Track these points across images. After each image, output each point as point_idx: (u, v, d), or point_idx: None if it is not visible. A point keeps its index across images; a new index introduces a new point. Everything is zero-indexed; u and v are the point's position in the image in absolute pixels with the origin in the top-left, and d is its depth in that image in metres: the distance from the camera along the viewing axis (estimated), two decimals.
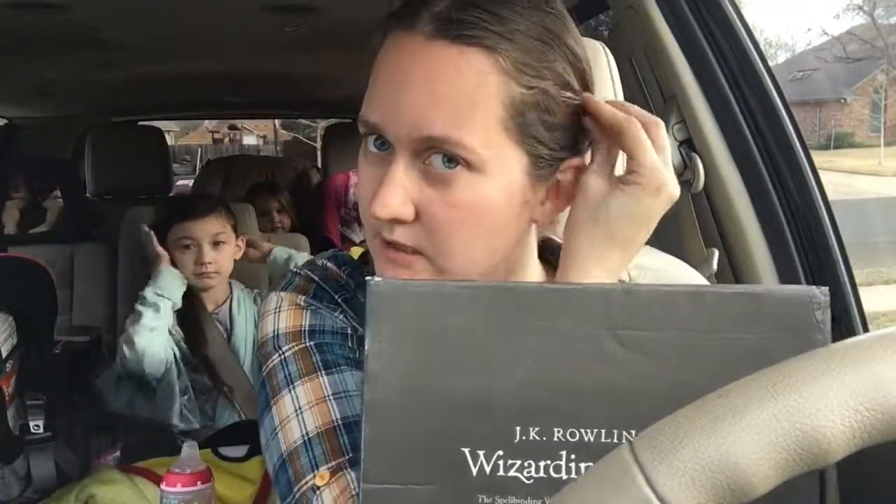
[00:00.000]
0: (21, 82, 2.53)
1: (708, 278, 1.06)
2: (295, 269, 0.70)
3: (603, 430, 0.41)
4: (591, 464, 0.38)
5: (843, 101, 19.51)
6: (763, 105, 1.08)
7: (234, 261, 1.96)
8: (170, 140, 11.24)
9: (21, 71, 2.34)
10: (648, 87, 1.27)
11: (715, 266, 1.14)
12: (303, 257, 2.03)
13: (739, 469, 0.31)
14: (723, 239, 1.16)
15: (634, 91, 1.29)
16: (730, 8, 1.08)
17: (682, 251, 1.20)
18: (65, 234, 2.47)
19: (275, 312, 0.67)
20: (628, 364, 0.41)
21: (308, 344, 0.64)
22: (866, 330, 1.09)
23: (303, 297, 0.66)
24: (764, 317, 0.41)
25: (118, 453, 1.66)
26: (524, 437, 0.41)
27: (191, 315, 1.92)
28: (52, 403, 1.67)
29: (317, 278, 0.67)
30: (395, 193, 0.56)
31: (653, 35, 1.14)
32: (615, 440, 0.41)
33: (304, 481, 0.58)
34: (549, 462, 0.41)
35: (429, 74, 0.56)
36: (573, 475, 0.41)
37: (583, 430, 0.41)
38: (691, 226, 1.21)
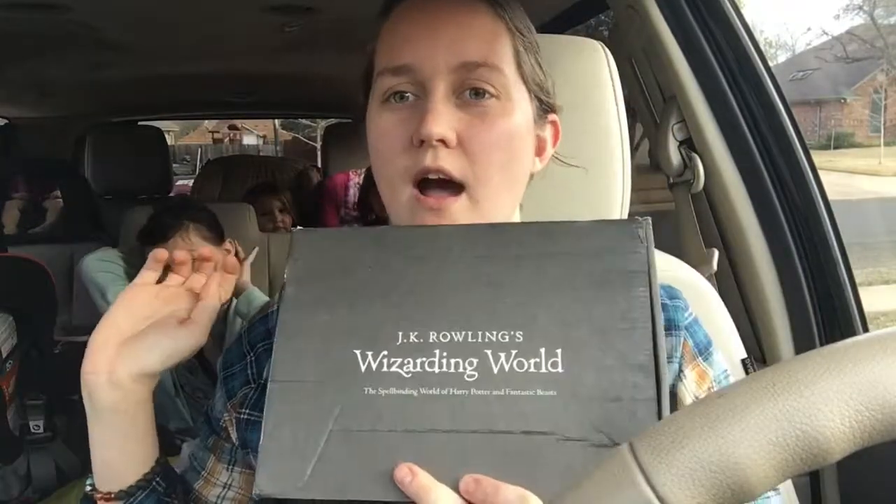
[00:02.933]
0: (21, 82, 2.53)
1: (708, 278, 1.06)
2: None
3: (469, 332, 0.50)
4: (459, 359, 0.50)
5: (843, 101, 19.50)
6: (763, 105, 1.08)
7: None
8: (170, 140, 11.25)
9: (21, 71, 2.34)
10: (648, 87, 1.27)
11: (715, 266, 1.14)
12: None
13: (739, 469, 0.31)
14: (723, 239, 1.16)
15: (634, 91, 1.29)
16: (730, 8, 1.08)
17: (682, 251, 1.20)
18: (65, 234, 2.47)
19: None
20: (490, 281, 0.52)
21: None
22: (866, 330, 1.09)
23: (219, 362, 0.74)
24: (597, 238, 0.52)
25: None
26: (405, 340, 0.51)
27: None
28: (52, 403, 1.67)
29: (245, 332, 0.74)
30: (441, 117, 0.59)
31: (653, 35, 1.13)
32: (479, 340, 0.50)
33: None
34: (424, 359, 0.50)
35: (456, 15, 0.61)
36: (443, 369, 0.50)
37: (453, 333, 0.51)
38: (691, 226, 1.21)
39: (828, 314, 1.07)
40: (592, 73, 0.84)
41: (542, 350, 0.49)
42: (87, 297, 2.32)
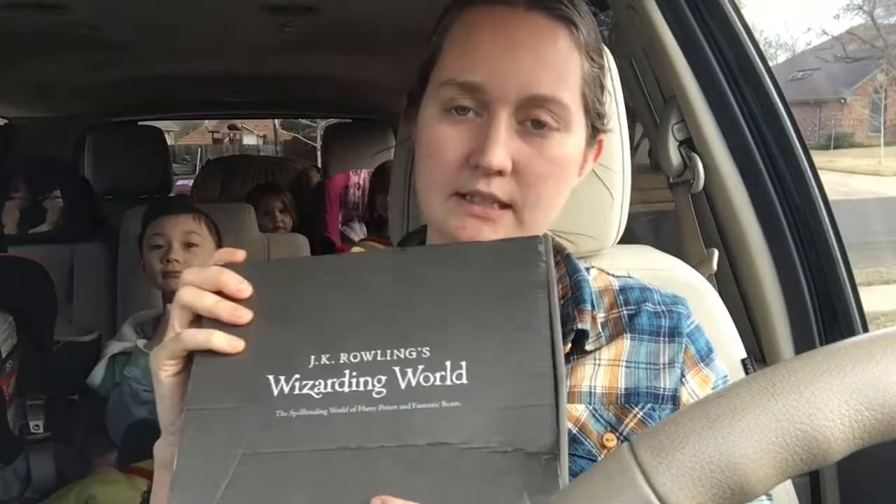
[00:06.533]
0: (21, 82, 2.53)
1: (708, 278, 1.06)
2: None
3: (378, 351, 0.51)
4: (368, 378, 0.50)
5: (843, 101, 19.49)
6: (763, 105, 1.08)
7: None
8: (170, 140, 11.25)
9: (21, 71, 2.34)
10: (648, 87, 1.26)
11: (715, 266, 1.14)
12: None
13: (739, 469, 0.31)
14: (723, 239, 1.16)
15: (634, 91, 1.29)
16: (730, 8, 1.08)
17: (682, 251, 1.20)
18: (65, 234, 2.47)
19: None
20: (398, 303, 0.53)
21: None
22: (866, 330, 1.09)
23: None
24: (499, 255, 0.54)
25: (116, 454, 1.66)
26: (317, 363, 0.52)
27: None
28: (52, 403, 1.67)
29: None
30: (502, 148, 0.60)
31: (653, 35, 1.13)
32: (388, 357, 0.51)
33: None
34: (335, 380, 0.51)
35: (533, 40, 0.62)
36: (353, 387, 0.50)
37: (363, 353, 0.52)
38: (691, 226, 1.21)
39: (828, 314, 1.07)
40: None
41: (448, 363, 0.50)
42: (87, 297, 2.32)
